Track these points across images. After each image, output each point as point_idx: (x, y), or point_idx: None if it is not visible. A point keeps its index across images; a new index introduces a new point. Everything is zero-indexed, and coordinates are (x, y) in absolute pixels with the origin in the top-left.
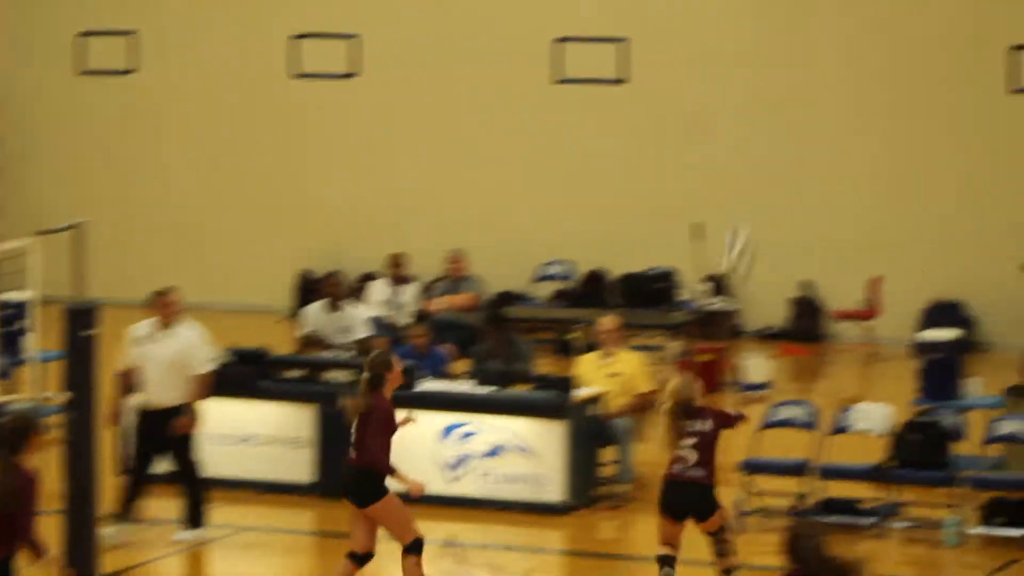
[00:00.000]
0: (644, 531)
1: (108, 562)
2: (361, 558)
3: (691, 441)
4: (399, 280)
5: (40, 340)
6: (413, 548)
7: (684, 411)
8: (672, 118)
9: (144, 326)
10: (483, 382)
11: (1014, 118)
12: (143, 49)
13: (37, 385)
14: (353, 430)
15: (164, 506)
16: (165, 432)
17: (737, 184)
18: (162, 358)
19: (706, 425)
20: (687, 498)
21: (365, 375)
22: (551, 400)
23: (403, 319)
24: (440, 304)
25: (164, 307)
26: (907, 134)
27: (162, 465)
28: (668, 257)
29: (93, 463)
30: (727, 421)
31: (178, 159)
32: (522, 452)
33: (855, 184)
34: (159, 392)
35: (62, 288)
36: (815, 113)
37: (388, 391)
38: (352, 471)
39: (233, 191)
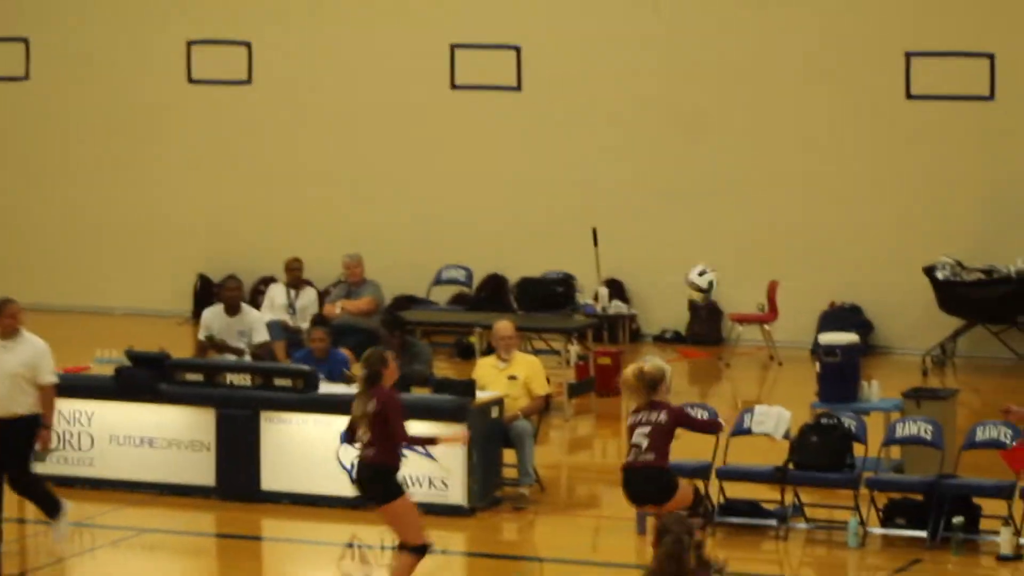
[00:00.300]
0: (545, 532)
1: (6, 565)
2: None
3: (645, 430)
4: (297, 284)
5: None
6: (416, 550)
7: (644, 405)
8: (566, 124)
9: None
10: None
11: (912, 122)
12: (34, 57)
13: None
14: (362, 430)
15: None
16: (9, 442)
17: (634, 189)
18: (6, 369)
19: (661, 417)
20: (642, 484)
21: (363, 374)
22: (452, 403)
23: (302, 323)
24: (338, 308)
25: (7, 318)
26: (807, 140)
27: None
28: (565, 262)
29: None
30: (689, 422)
31: (77, 163)
32: (423, 455)
33: (754, 189)
34: (3, 403)
35: None
36: (712, 119)
37: (387, 384)
38: (366, 469)
39: (133, 194)
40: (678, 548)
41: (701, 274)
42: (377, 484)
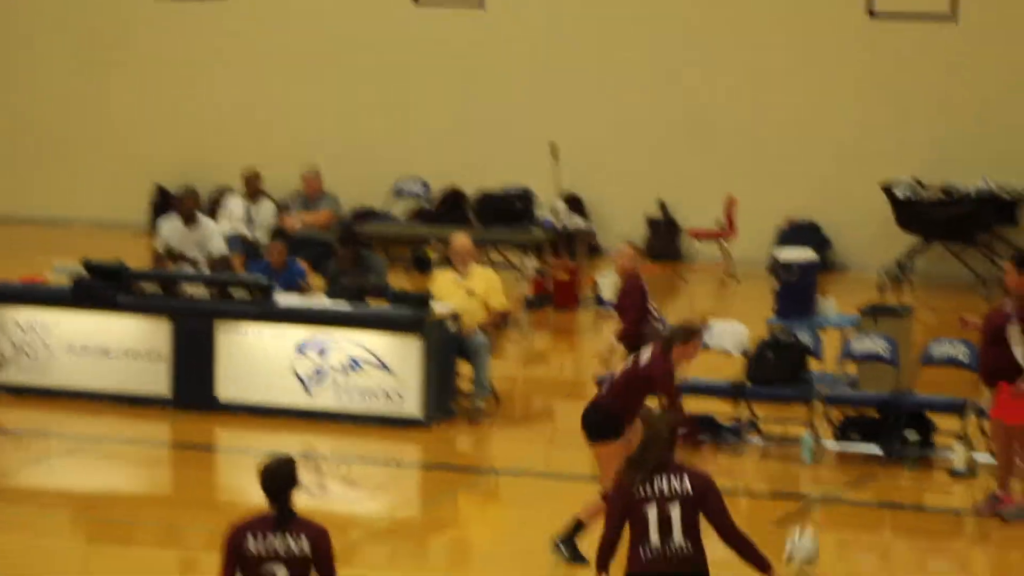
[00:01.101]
0: (500, 446)
1: None
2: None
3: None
4: (255, 196)
5: None
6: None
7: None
8: (527, 41)
9: None
10: (338, 298)
11: (874, 40)
12: None
13: None
14: (618, 371)
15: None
16: None
17: (594, 104)
18: None
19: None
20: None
21: (669, 333)
22: (408, 316)
23: (259, 235)
24: (296, 221)
25: None
26: (767, 56)
27: None
28: (524, 177)
29: None
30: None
31: (37, 72)
32: (379, 367)
33: (714, 104)
34: None
35: None
36: (671, 35)
37: (675, 354)
38: (596, 407)
39: (93, 105)
40: (656, 439)
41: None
42: (599, 422)
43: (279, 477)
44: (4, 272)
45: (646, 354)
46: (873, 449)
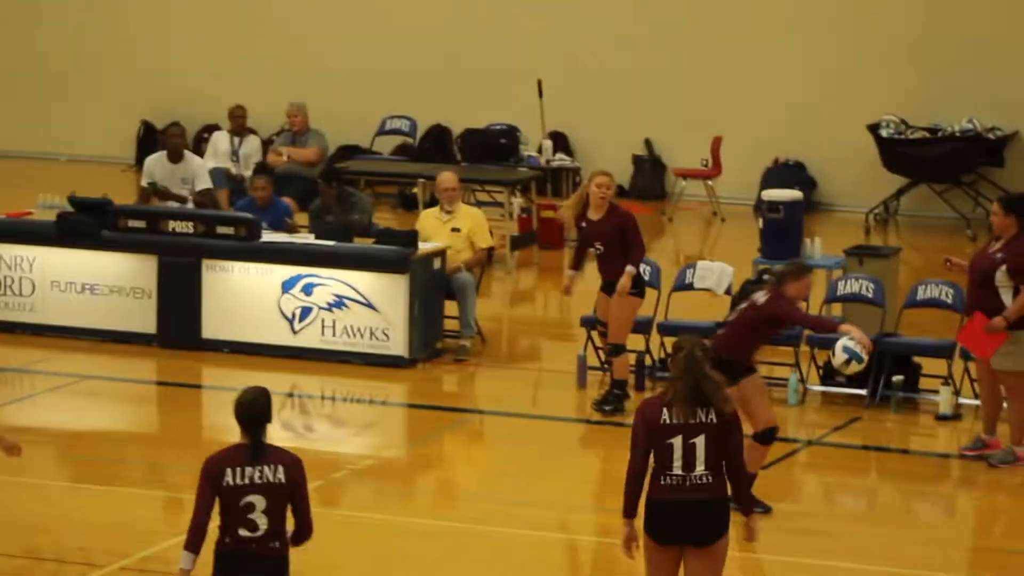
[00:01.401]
0: (486, 384)
1: None
2: (763, 435)
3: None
4: (241, 132)
5: None
6: (763, 437)
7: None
8: None
9: None
10: (323, 236)
11: None
12: None
13: None
14: (734, 316)
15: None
16: None
17: (581, 42)
18: None
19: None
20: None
21: (781, 272)
22: (393, 254)
23: (245, 171)
24: (284, 156)
25: None
26: None
27: None
28: (510, 114)
29: None
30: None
31: (22, 8)
32: (364, 305)
33: (699, 43)
34: None
35: None
36: None
37: (789, 291)
38: (718, 353)
39: (78, 40)
40: (692, 361)
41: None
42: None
43: (254, 408)
44: None
45: (760, 296)
46: (858, 392)
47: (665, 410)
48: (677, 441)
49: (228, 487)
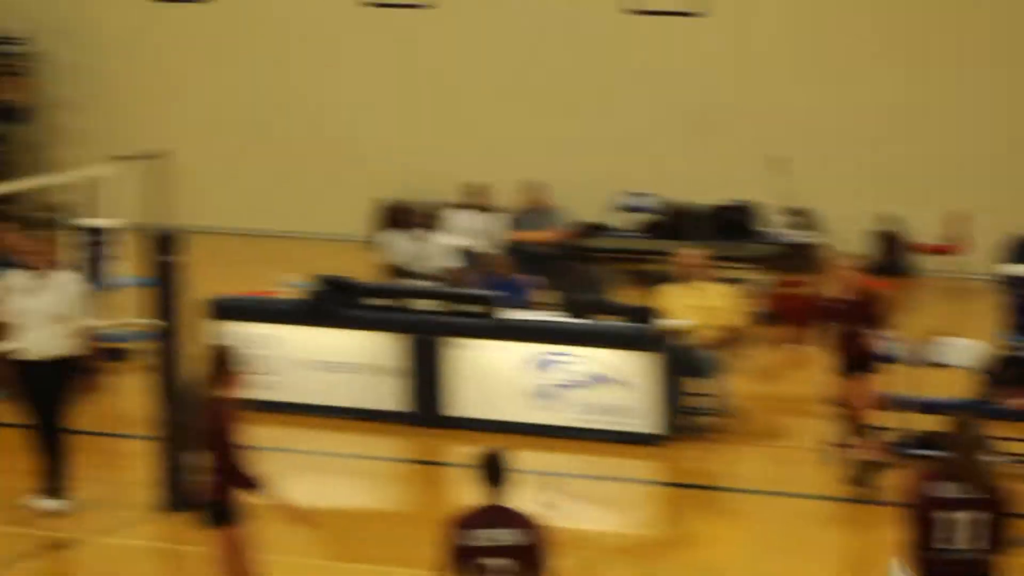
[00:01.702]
0: (733, 462)
1: None
2: None
3: None
4: (481, 209)
5: (121, 267)
6: None
7: None
8: (750, 50)
9: (19, 275)
10: (565, 312)
11: None
12: None
13: (120, 311)
14: None
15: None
16: (46, 385)
17: (815, 120)
18: (42, 308)
19: None
20: None
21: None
22: (641, 331)
23: (485, 249)
24: (526, 235)
25: (39, 254)
26: (1010, 65)
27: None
28: (739, 190)
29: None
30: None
31: (254, 88)
32: (612, 382)
33: (940, 117)
34: (39, 343)
35: (147, 216)
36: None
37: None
38: None
39: (315, 120)
40: (975, 440)
41: None
42: None
43: (495, 466)
44: (228, 286)
45: None
46: None
47: (938, 484)
48: (948, 516)
49: (470, 548)
